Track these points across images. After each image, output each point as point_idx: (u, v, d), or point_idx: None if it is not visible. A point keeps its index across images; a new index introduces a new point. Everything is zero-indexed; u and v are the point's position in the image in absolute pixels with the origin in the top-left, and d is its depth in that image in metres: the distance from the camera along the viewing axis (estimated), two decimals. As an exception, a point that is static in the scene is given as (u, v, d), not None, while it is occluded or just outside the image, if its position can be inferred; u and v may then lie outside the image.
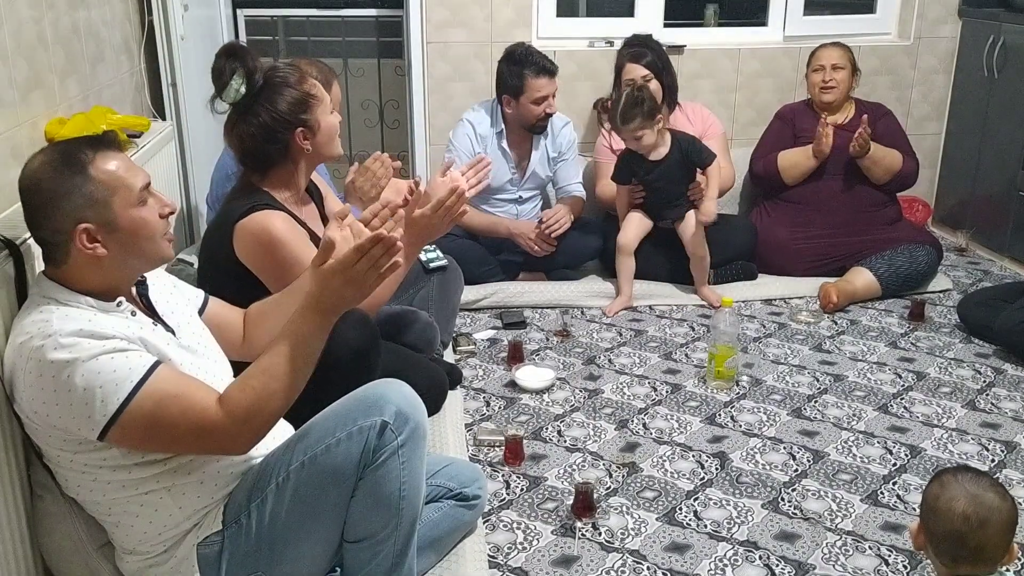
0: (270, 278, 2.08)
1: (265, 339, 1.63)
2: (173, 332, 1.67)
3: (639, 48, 3.68)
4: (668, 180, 3.42)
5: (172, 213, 1.63)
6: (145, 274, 1.68)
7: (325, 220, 2.32)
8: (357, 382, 1.73)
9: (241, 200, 2.14)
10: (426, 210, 2.16)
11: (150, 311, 1.66)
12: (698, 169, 3.43)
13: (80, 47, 2.61)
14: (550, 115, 3.52)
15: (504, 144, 3.57)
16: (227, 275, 2.11)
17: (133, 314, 1.58)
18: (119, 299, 1.57)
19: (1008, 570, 1.50)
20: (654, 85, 3.57)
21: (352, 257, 1.54)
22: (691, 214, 3.43)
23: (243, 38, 4.53)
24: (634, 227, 3.49)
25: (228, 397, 1.52)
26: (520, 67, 3.42)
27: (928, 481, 1.57)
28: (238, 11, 4.52)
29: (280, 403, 1.54)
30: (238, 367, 1.69)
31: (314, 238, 2.15)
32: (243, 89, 2.08)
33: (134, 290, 1.66)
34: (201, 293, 1.89)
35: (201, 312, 1.85)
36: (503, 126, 3.56)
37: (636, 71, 3.61)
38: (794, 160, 3.70)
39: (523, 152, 3.62)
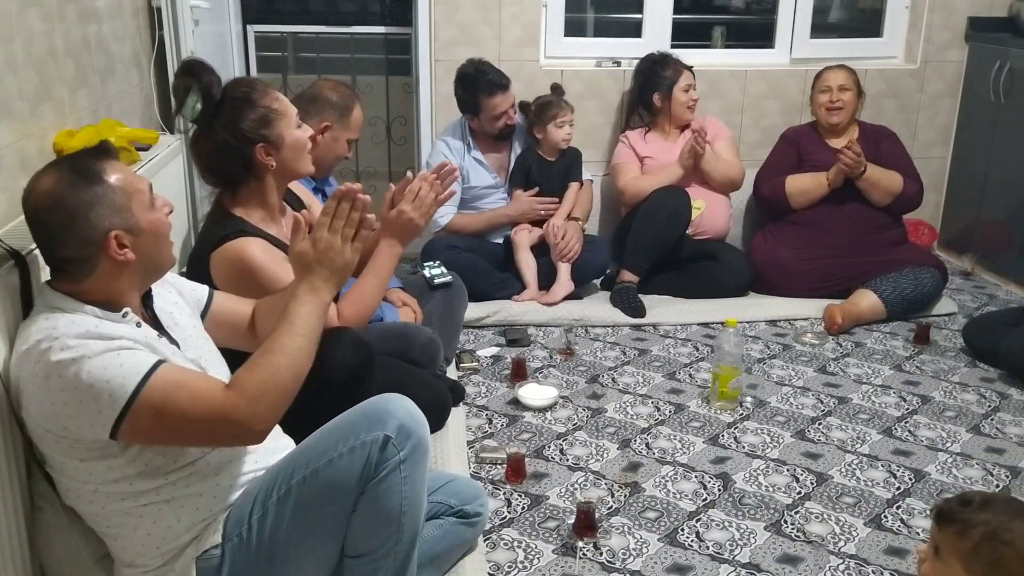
0: None
1: (271, 329, 1.65)
2: (178, 345, 1.67)
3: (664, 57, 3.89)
4: (550, 181, 3.64)
5: (172, 211, 1.66)
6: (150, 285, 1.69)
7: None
8: (352, 401, 1.72)
9: (215, 227, 2.13)
10: (402, 205, 2.16)
11: (155, 323, 1.66)
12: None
13: (91, 60, 2.63)
14: (511, 127, 3.66)
15: (476, 155, 3.69)
16: None
17: (139, 325, 1.59)
18: (125, 310, 1.57)
19: None
20: None
21: (322, 223, 1.61)
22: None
23: (252, 54, 4.56)
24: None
25: (237, 379, 1.53)
26: (473, 89, 3.57)
27: (959, 531, 1.44)
28: (248, 27, 4.55)
29: (288, 378, 1.54)
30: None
31: None
32: (199, 106, 2.05)
33: (139, 302, 1.66)
34: (205, 291, 1.88)
35: (207, 310, 1.85)
36: (471, 139, 3.70)
37: None
38: (804, 187, 3.69)
39: (500, 157, 3.75)
